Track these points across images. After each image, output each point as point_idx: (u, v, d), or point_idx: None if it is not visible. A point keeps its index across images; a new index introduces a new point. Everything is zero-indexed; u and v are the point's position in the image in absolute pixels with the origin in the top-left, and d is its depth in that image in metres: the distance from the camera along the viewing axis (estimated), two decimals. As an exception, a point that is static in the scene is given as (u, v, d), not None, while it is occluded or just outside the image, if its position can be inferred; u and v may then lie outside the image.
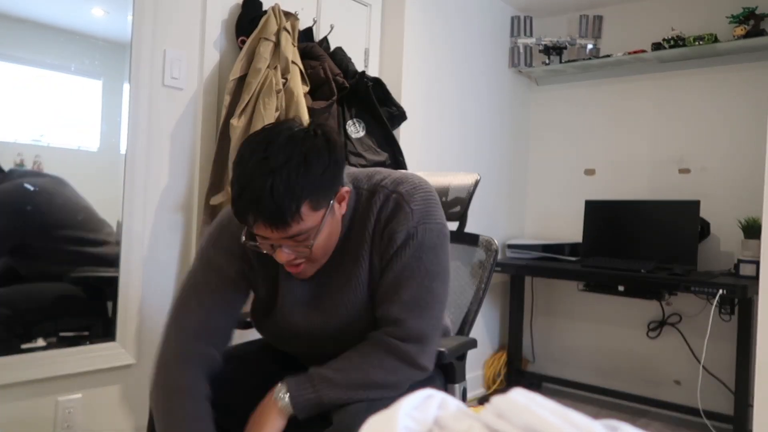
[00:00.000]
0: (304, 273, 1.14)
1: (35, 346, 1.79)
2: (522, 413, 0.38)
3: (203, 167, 2.08)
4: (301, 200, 1.01)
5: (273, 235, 1.03)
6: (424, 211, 1.14)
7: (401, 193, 1.14)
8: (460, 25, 3.12)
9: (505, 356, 3.43)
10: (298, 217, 1.01)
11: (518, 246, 3.38)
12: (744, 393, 2.62)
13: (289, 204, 0.99)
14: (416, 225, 1.13)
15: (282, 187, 0.98)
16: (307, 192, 1.01)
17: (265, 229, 1.02)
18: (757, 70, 2.95)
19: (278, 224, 1.01)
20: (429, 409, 0.40)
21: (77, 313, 1.93)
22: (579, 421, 0.38)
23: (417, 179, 1.19)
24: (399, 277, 1.12)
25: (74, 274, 1.91)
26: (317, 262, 1.14)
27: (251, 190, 0.99)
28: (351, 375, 1.08)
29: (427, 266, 1.13)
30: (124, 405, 1.96)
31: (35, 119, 1.78)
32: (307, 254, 1.09)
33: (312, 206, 1.03)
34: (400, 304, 1.11)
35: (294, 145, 1.02)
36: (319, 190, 1.04)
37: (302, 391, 1.07)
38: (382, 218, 1.14)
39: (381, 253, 1.14)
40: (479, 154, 3.30)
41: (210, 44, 2.09)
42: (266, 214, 1.00)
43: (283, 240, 1.05)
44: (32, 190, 1.81)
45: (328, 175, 1.05)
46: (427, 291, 1.13)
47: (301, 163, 1.01)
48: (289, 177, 0.99)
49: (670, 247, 2.92)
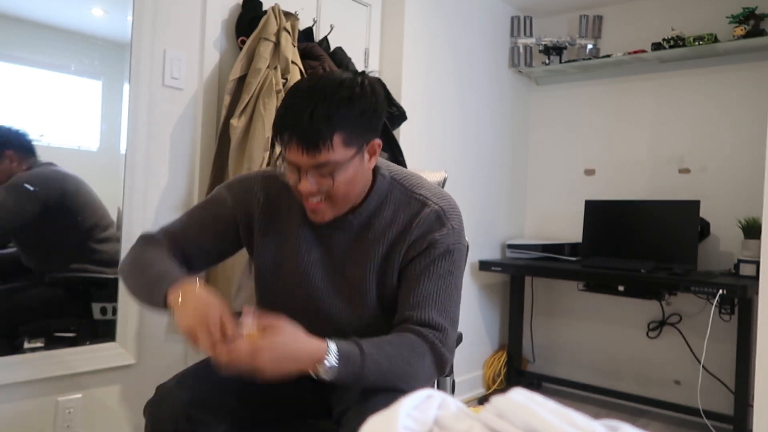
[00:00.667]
0: (323, 214, 1.18)
1: (36, 346, 1.80)
2: (522, 413, 0.38)
3: (203, 167, 2.08)
4: (336, 129, 1.07)
5: (303, 159, 1.09)
6: (460, 232, 1.24)
7: (444, 209, 1.23)
8: (460, 25, 3.12)
9: (505, 356, 3.43)
10: (330, 144, 1.07)
11: (518, 246, 3.37)
12: (744, 393, 2.62)
13: (325, 130, 1.06)
14: (454, 243, 1.21)
15: (321, 113, 1.06)
16: (343, 124, 1.08)
17: (297, 151, 1.08)
18: (757, 70, 2.95)
19: (310, 147, 1.07)
20: (429, 409, 0.40)
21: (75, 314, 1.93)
22: (579, 421, 0.38)
23: (449, 196, 1.29)
24: (436, 286, 1.18)
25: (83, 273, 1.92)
26: (336, 205, 1.17)
27: (294, 111, 1.08)
28: (397, 366, 1.09)
29: (457, 283, 1.22)
30: (124, 405, 1.96)
31: (35, 119, 1.78)
32: (330, 188, 1.12)
33: (344, 140, 1.09)
34: (441, 314, 1.17)
35: (342, 84, 1.10)
36: (355, 128, 1.10)
37: (351, 365, 1.05)
38: (419, 224, 1.20)
39: (413, 256, 1.20)
40: (479, 154, 3.30)
41: (210, 44, 2.09)
42: (301, 135, 1.06)
43: (311, 168, 1.10)
44: (67, 174, 1.86)
45: (366, 117, 1.12)
46: (455, 306, 1.21)
47: (344, 99, 1.08)
48: (330, 106, 1.06)
49: (670, 247, 2.92)
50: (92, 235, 1.94)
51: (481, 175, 3.31)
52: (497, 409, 0.39)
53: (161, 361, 2.02)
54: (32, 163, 1.81)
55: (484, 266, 3.22)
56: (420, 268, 1.19)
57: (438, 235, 1.20)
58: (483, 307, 3.41)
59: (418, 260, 1.19)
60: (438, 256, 1.19)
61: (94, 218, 1.95)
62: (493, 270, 3.21)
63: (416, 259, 1.20)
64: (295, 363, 1.02)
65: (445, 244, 1.20)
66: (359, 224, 1.23)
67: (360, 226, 1.23)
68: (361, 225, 1.23)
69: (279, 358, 1.00)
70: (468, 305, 3.29)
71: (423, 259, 1.19)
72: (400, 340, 1.12)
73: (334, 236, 1.24)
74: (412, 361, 1.10)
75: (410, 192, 1.25)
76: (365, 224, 1.23)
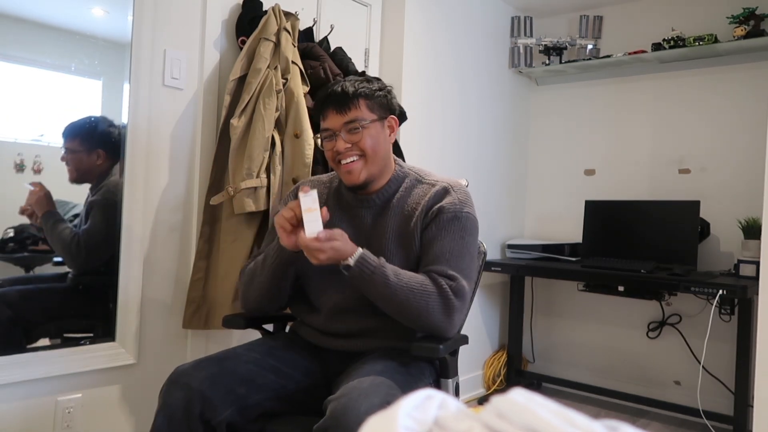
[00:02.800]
0: (357, 173, 1.43)
1: (36, 346, 1.80)
2: (522, 413, 0.38)
3: (203, 167, 2.08)
4: (359, 95, 1.44)
5: (337, 120, 1.43)
6: (466, 202, 1.47)
7: (451, 185, 1.49)
8: (460, 25, 3.12)
9: (505, 356, 3.43)
10: (357, 104, 1.43)
11: (518, 246, 3.38)
12: (744, 393, 2.62)
13: (352, 94, 1.43)
14: (461, 210, 1.44)
15: (349, 87, 1.44)
16: (365, 93, 1.45)
17: (333, 114, 1.43)
18: (757, 71, 2.95)
19: (342, 107, 1.42)
20: (429, 409, 0.40)
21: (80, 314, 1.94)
22: (579, 421, 0.38)
23: (457, 181, 1.52)
24: (449, 246, 1.39)
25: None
26: (367, 163, 1.44)
27: (330, 92, 1.45)
28: (403, 289, 1.32)
29: (468, 246, 1.43)
30: (124, 405, 1.96)
31: (35, 119, 1.78)
32: (359, 141, 1.42)
33: (367, 105, 1.44)
34: (453, 268, 1.37)
35: (362, 75, 1.68)
36: (373, 98, 1.46)
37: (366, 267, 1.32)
38: (430, 198, 1.45)
39: (426, 224, 1.43)
40: (479, 154, 3.30)
41: (210, 44, 2.09)
42: (335, 100, 1.43)
43: (342, 127, 1.42)
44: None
45: (381, 94, 1.47)
46: (468, 266, 1.42)
47: (364, 80, 1.48)
48: (354, 84, 1.45)
49: (670, 247, 2.92)
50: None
51: (481, 175, 3.31)
52: (497, 409, 0.39)
53: (161, 361, 2.02)
54: (114, 169, 1.89)
55: (484, 266, 3.22)
56: (432, 233, 1.42)
57: (445, 203, 1.43)
58: (483, 307, 3.41)
59: (431, 227, 1.42)
60: (447, 221, 1.42)
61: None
62: (493, 270, 3.21)
63: (429, 225, 1.43)
64: (335, 259, 1.31)
65: (452, 211, 1.43)
66: (381, 204, 1.49)
67: (381, 206, 1.49)
68: (382, 205, 1.49)
69: (331, 257, 1.30)
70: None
71: (434, 225, 1.42)
72: (415, 276, 1.36)
73: (360, 214, 1.50)
74: (418, 291, 1.32)
75: (422, 178, 1.52)
76: (385, 204, 1.49)
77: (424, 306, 1.31)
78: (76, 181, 1.87)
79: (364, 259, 1.32)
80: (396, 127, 1.51)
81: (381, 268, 1.32)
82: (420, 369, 1.39)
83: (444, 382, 1.44)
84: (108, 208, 1.88)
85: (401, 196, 1.49)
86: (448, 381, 1.43)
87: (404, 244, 1.44)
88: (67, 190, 1.86)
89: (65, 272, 1.89)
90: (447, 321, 1.33)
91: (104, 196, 1.88)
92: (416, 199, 1.47)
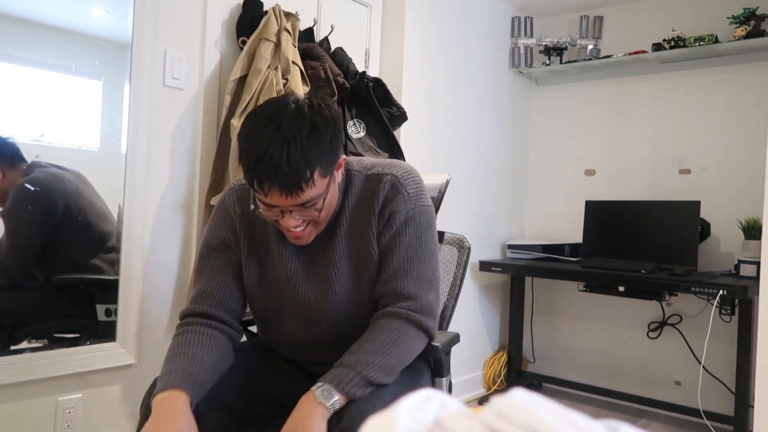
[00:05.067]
0: (307, 239, 1.20)
1: (36, 346, 1.80)
2: (522, 413, 0.38)
3: (204, 167, 2.08)
4: (315, 167, 1.08)
5: (286, 202, 1.10)
6: (418, 194, 1.26)
7: (397, 176, 1.25)
8: (460, 25, 3.12)
9: (506, 357, 3.43)
10: (312, 182, 1.09)
11: (518, 246, 3.37)
12: (744, 394, 2.62)
13: (305, 171, 1.07)
14: (414, 207, 1.24)
15: (298, 156, 1.06)
16: (318, 158, 1.09)
17: (280, 196, 1.09)
18: (757, 71, 2.95)
19: (293, 190, 1.08)
20: (429, 409, 0.40)
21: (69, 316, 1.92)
22: (580, 421, 0.38)
23: (402, 163, 1.29)
24: (405, 255, 1.22)
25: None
26: (320, 226, 1.21)
27: (268, 159, 1.05)
28: (390, 355, 1.13)
29: (427, 244, 1.25)
30: (124, 405, 1.96)
31: (36, 119, 1.78)
32: (316, 217, 1.16)
33: (322, 173, 1.11)
34: (413, 281, 1.21)
35: (303, 116, 1.09)
36: (328, 157, 1.11)
37: (346, 380, 1.07)
38: (378, 198, 1.23)
39: (379, 232, 1.24)
40: (480, 154, 3.30)
41: (210, 44, 2.09)
42: (283, 182, 1.06)
43: (294, 206, 1.12)
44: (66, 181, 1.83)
45: (334, 143, 1.13)
46: (430, 268, 1.24)
47: (311, 132, 1.08)
48: (303, 146, 1.06)
49: (670, 247, 2.92)
50: (102, 246, 1.94)
51: (481, 176, 3.31)
52: (497, 409, 0.39)
53: (161, 361, 2.01)
54: (25, 169, 1.76)
55: (484, 266, 3.23)
56: (387, 241, 1.23)
57: (395, 205, 1.22)
58: (483, 308, 3.41)
59: (384, 234, 1.23)
60: (400, 226, 1.22)
61: (103, 228, 1.94)
62: (493, 270, 3.21)
63: (383, 233, 1.23)
64: (305, 424, 1.05)
65: (404, 211, 1.23)
66: (330, 224, 1.25)
67: (330, 225, 1.25)
68: (330, 224, 1.25)
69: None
70: (468, 305, 3.29)
71: (387, 232, 1.23)
72: (382, 331, 1.16)
73: (310, 244, 1.25)
74: (399, 344, 1.15)
75: (364, 175, 1.27)
76: (333, 222, 1.25)
77: (411, 348, 1.19)
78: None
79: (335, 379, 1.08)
80: (343, 162, 1.23)
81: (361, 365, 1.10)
82: (418, 368, 1.39)
83: (438, 380, 1.46)
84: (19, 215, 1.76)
85: (349, 208, 1.26)
86: (443, 379, 1.45)
87: (359, 262, 1.25)
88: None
89: (63, 270, 1.88)
90: (426, 341, 1.23)
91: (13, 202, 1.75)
92: (366, 204, 1.25)
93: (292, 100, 1.13)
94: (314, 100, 1.14)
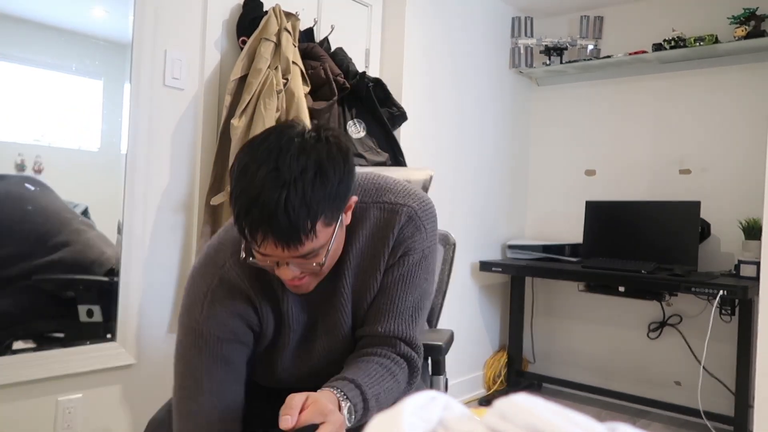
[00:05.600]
0: (307, 288, 1.04)
1: (35, 347, 1.79)
2: (525, 414, 0.38)
3: (204, 167, 2.08)
4: (317, 216, 0.91)
5: (284, 254, 0.93)
6: (434, 230, 1.14)
7: (416, 209, 1.10)
8: (460, 25, 3.12)
9: (506, 357, 3.43)
10: (313, 234, 0.91)
11: (519, 246, 3.37)
12: (744, 394, 2.62)
13: (305, 221, 0.89)
14: (429, 245, 1.12)
15: (297, 203, 0.88)
16: (323, 206, 0.91)
17: (275, 248, 0.91)
18: (757, 71, 2.95)
19: (291, 243, 0.90)
20: (434, 410, 0.40)
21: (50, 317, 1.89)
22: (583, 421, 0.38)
23: (417, 191, 1.15)
24: (414, 298, 1.11)
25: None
26: (322, 275, 1.05)
27: (262, 206, 0.88)
28: (389, 398, 1.04)
29: (429, 288, 1.15)
30: (124, 405, 1.96)
31: (36, 119, 1.78)
32: (317, 271, 1.00)
33: (326, 222, 0.94)
34: (414, 325, 1.11)
35: (307, 154, 0.91)
36: (335, 203, 0.94)
37: (360, 412, 0.98)
38: (394, 232, 1.09)
39: (389, 265, 1.10)
40: (480, 154, 3.30)
41: (211, 44, 2.09)
42: (279, 233, 0.89)
43: (292, 258, 0.95)
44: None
45: (344, 186, 0.95)
46: (426, 310, 1.16)
47: (316, 175, 0.91)
48: (304, 191, 0.89)
49: (670, 247, 2.92)
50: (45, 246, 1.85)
51: (481, 176, 3.31)
52: (500, 411, 0.39)
53: (161, 361, 2.01)
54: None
55: (484, 267, 3.23)
56: (395, 278, 1.09)
57: (412, 243, 1.09)
58: (483, 308, 3.40)
59: (393, 270, 1.09)
60: (413, 265, 1.09)
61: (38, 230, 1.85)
62: (493, 270, 3.21)
63: (392, 268, 1.09)
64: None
65: (420, 250, 1.10)
66: (334, 269, 1.08)
67: (335, 270, 1.08)
68: (335, 269, 1.08)
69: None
70: (468, 305, 3.29)
71: (398, 268, 1.09)
72: (385, 371, 1.04)
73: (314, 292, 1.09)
74: (396, 388, 1.06)
75: (375, 204, 1.10)
76: (340, 264, 1.08)
77: (402, 389, 1.09)
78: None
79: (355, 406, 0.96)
80: (354, 204, 1.03)
81: (374, 400, 1.00)
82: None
83: (436, 379, 1.47)
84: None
85: (360, 241, 1.09)
86: (440, 378, 1.47)
87: (360, 290, 1.11)
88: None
89: (29, 270, 1.83)
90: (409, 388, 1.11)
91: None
92: (378, 237, 1.09)
93: (295, 133, 0.95)
94: (323, 133, 0.96)
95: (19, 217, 1.80)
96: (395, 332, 1.08)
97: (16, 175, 1.78)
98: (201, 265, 1.09)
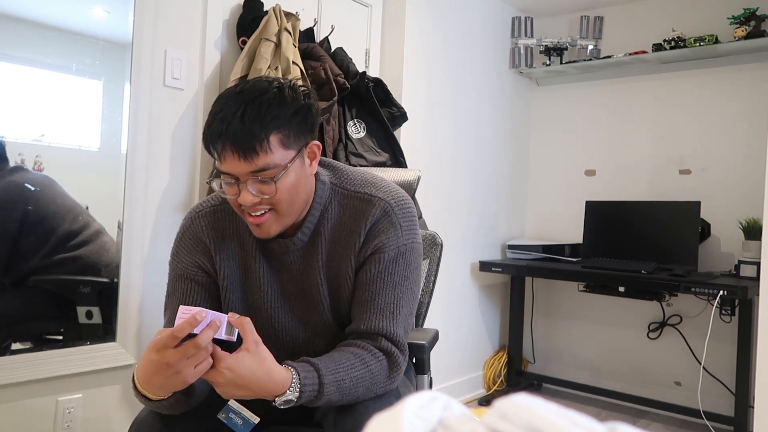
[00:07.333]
0: (267, 228, 1.08)
1: (28, 347, 1.79)
2: (525, 413, 0.38)
3: (204, 167, 2.08)
4: (270, 129, 1.01)
5: (240, 167, 1.01)
6: (411, 228, 1.16)
7: (391, 204, 1.14)
8: (460, 25, 3.12)
9: (506, 357, 3.43)
10: (267, 146, 1.00)
11: (518, 246, 3.38)
12: (744, 394, 2.62)
13: (259, 130, 1.00)
14: (405, 243, 1.14)
15: (253, 114, 1.00)
16: (277, 123, 1.02)
17: (233, 158, 1.00)
18: (757, 71, 2.95)
19: (246, 151, 0.99)
20: (434, 409, 0.40)
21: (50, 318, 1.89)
22: (583, 421, 0.38)
23: (396, 188, 1.19)
24: (393, 295, 1.12)
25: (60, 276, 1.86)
26: (281, 215, 1.08)
27: (222, 117, 1.01)
28: (358, 386, 1.05)
29: (411, 286, 1.16)
30: (124, 405, 1.96)
31: (36, 119, 1.78)
32: (273, 194, 1.04)
33: (281, 141, 1.03)
34: (395, 321, 1.12)
35: (270, 86, 1.05)
36: (290, 127, 1.04)
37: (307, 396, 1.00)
38: (366, 225, 1.13)
39: (361, 261, 1.14)
40: (480, 154, 3.30)
41: (211, 44, 2.09)
42: (234, 139, 0.99)
43: (249, 176, 1.02)
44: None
45: (300, 116, 1.05)
46: (410, 308, 1.16)
47: (274, 97, 1.03)
48: (260, 106, 1.01)
49: (670, 247, 2.92)
50: (65, 244, 1.85)
51: (481, 176, 3.31)
52: (500, 411, 0.39)
53: (161, 361, 2.01)
54: (9, 170, 1.72)
55: (484, 267, 3.23)
56: (371, 276, 1.12)
57: (385, 238, 1.12)
58: (483, 308, 3.41)
59: (368, 268, 1.13)
60: (389, 262, 1.12)
61: (64, 226, 1.85)
62: (493, 270, 3.21)
63: (366, 266, 1.13)
64: (251, 392, 0.96)
65: (395, 247, 1.12)
66: (308, 241, 1.15)
67: (309, 242, 1.15)
68: (309, 241, 1.15)
69: (237, 384, 0.94)
70: (468, 305, 3.29)
71: (373, 266, 1.12)
72: (356, 360, 1.06)
73: (287, 260, 1.17)
74: (368, 378, 1.06)
75: (353, 193, 1.16)
76: (313, 239, 1.15)
77: (377, 387, 1.09)
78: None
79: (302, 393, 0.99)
80: (319, 152, 1.12)
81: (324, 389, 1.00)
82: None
83: (420, 377, 1.47)
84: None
85: (330, 226, 1.15)
86: (424, 377, 1.46)
87: (337, 286, 1.16)
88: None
89: (26, 273, 1.82)
90: (390, 383, 1.11)
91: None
92: (350, 223, 1.14)
93: (271, 78, 1.09)
94: (293, 82, 1.09)
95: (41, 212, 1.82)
96: (375, 328, 1.10)
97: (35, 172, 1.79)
98: (183, 220, 1.27)
